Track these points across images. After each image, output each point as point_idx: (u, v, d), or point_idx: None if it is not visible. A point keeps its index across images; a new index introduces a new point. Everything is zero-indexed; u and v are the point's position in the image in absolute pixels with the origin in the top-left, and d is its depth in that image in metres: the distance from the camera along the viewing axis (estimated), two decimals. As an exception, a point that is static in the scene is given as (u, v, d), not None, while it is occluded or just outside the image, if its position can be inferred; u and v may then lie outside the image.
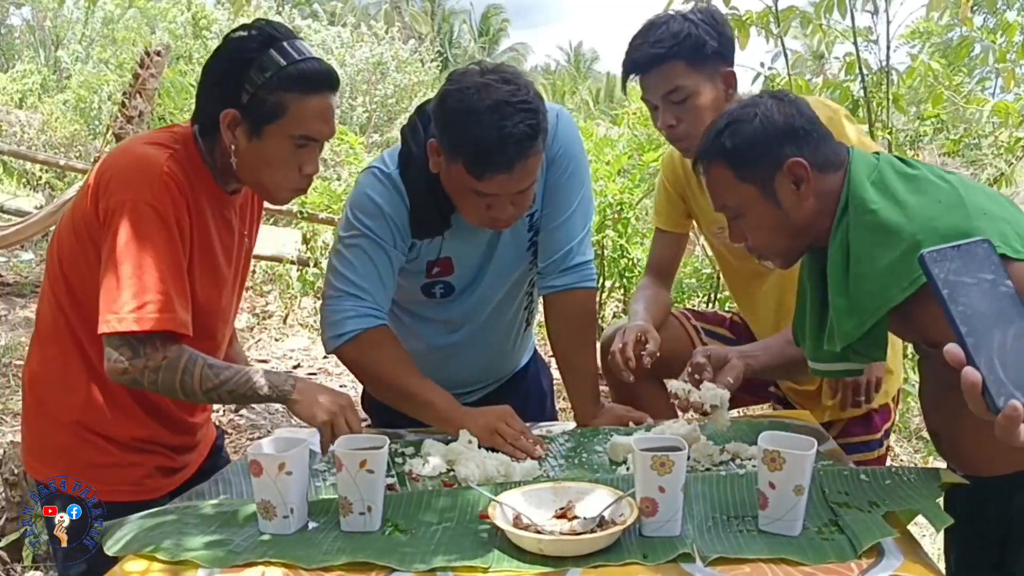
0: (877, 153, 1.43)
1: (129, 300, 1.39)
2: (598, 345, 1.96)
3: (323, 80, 1.48)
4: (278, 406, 4.37)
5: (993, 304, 0.80)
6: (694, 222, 2.12)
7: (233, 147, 1.48)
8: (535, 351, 2.17)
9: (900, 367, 2.15)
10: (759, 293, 2.03)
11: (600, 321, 4.91)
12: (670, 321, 2.12)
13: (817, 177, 1.38)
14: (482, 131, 1.50)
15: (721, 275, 2.28)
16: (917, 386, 3.91)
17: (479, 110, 1.51)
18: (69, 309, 1.53)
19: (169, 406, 1.61)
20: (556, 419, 2.00)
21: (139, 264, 1.40)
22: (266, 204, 1.77)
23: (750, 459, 1.54)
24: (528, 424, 1.77)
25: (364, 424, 1.69)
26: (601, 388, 1.95)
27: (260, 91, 1.44)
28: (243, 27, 1.50)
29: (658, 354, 1.78)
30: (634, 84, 1.91)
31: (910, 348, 4.01)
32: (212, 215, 1.55)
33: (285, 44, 1.47)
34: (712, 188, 1.47)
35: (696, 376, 1.62)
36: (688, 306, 5.36)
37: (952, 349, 0.80)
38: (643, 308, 1.96)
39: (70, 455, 1.55)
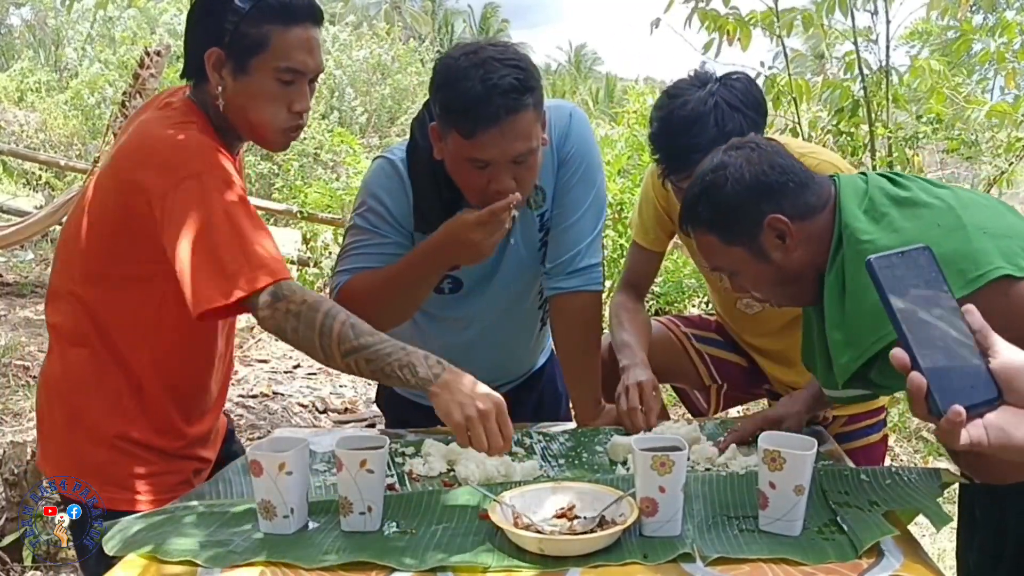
0: (864, 174, 1.41)
1: (244, 260, 1.35)
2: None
3: (304, 10, 1.47)
4: (277, 405, 4.37)
5: (935, 310, 0.82)
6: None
7: (220, 88, 1.46)
8: (552, 352, 2.14)
9: None
10: (748, 315, 2.02)
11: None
12: (661, 331, 2.11)
13: (800, 226, 1.35)
14: (468, 85, 1.49)
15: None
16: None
17: (465, 68, 1.51)
18: (104, 314, 1.50)
19: (189, 387, 1.59)
20: (570, 420, 2.00)
21: (233, 224, 1.36)
22: (267, 203, 1.76)
23: (748, 459, 1.54)
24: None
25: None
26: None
27: (241, 25, 1.43)
28: None
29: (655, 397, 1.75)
30: (633, 87, 1.89)
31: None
32: None
33: None
34: (702, 252, 1.46)
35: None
36: (688, 307, 5.36)
37: (897, 353, 0.80)
38: (637, 346, 1.85)
39: (111, 470, 1.51)
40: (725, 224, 1.38)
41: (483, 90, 1.49)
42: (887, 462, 2.16)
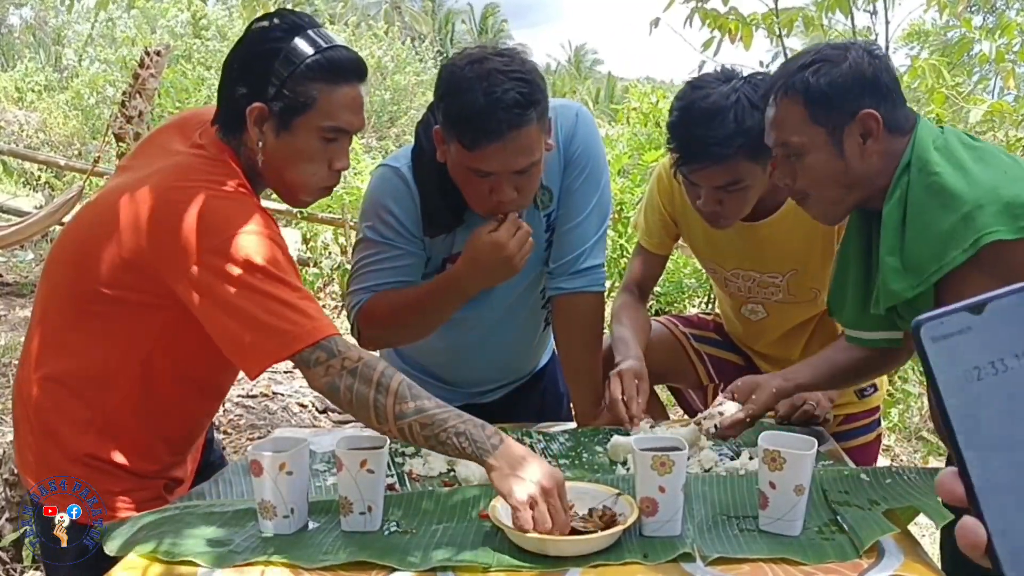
0: (942, 125, 1.43)
1: (290, 319, 1.29)
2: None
3: (352, 69, 1.42)
4: (276, 405, 4.37)
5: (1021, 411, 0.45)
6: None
7: (260, 144, 1.41)
8: (554, 351, 2.14)
9: None
10: (752, 320, 2.02)
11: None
12: (660, 330, 2.11)
13: (885, 136, 1.36)
14: (472, 98, 1.49)
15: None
16: (917, 387, 3.88)
17: (470, 79, 1.50)
18: (112, 341, 1.42)
19: (176, 430, 1.54)
20: (571, 420, 2.00)
21: (279, 285, 1.30)
22: (267, 203, 1.74)
23: (747, 462, 1.54)
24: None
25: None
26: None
27: (287, 82, 1.37)
28: (264, 17, 1.42)
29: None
30: (635, 86, 1.89)
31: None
32: None
33: (311, 32, 1.40)
34: (778, 123, 1.42)
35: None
36: (688, 307, 5.36)
37: (946, 481, 0.46)
38: (634, 342, 1.84)
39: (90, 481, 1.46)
40: (824, 100, 1.37)
41: (486, 104, 1.48)
42: (887, 462, 2.16)
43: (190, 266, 1.30)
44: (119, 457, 1.46)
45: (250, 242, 1.31)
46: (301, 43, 1.38)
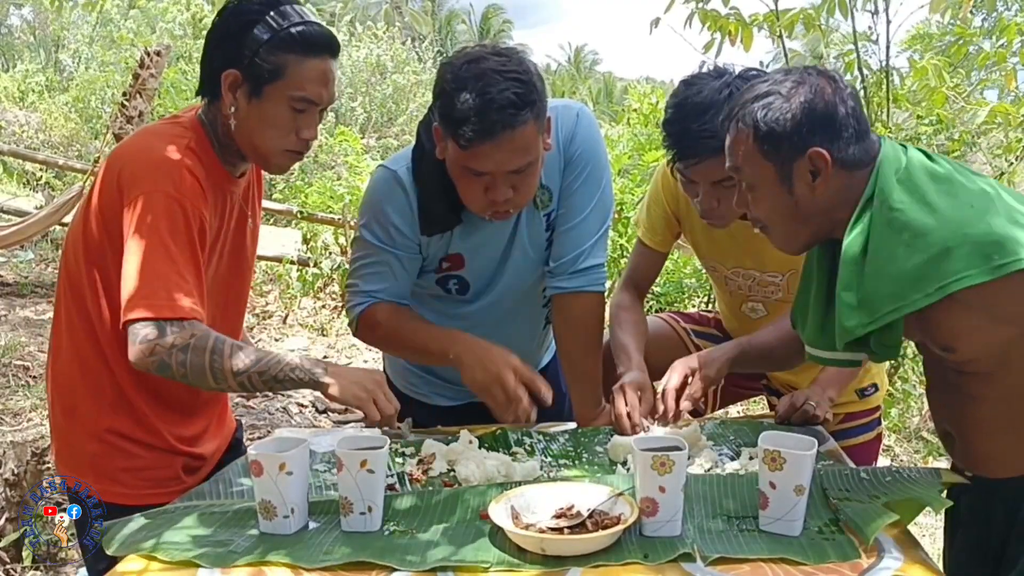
0: (904, 144, 1.39)
1: (153, 287, 1.41)
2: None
3: (323, 44, 1.51)
4: (277, 405, 4.38)
5: None
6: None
7: (233, 108, 1.50)
8: (555, 351, 2.14)
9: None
10: (752, 319, 2.02)
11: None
12: (661, 326, 2.11)
13: (837, 173, 1.32)
14: (466, 97, 1.50)
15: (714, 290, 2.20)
16: (917, 387, 3.89)
17: (465, 78, 1.51)
18: (93, 311, 1.54)
19: (174, 390, 1.60)
20: (572, 419, 2.00)
21: (159, 252, 1.42)
22: (267, 203, 1.78)
23: (747, 462, 1.54)
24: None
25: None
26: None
27: (261, 51, 1.47)
28: None
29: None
30: (635, 86, 1.88)
31: (910, 348, 4.03)
32: (226, 202, 1.58)
33: (287, 7, 1.50)
34: (730, 148, 1.41)
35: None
36: (688, 306, 5.36)
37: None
38: (635, 349, 1.85)
39: (101, 463, 1.56)
40: (771, 137, 1.33)
41: (480, 104, 1.49)
42: (887, 462, 2.16)
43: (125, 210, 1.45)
44: (125, 426, 1.56)
45: (154, 203, 1.44)
46: (277, 16, 1.48)
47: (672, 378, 1.66)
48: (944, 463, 3.04)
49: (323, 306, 6.38)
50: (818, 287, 1.42)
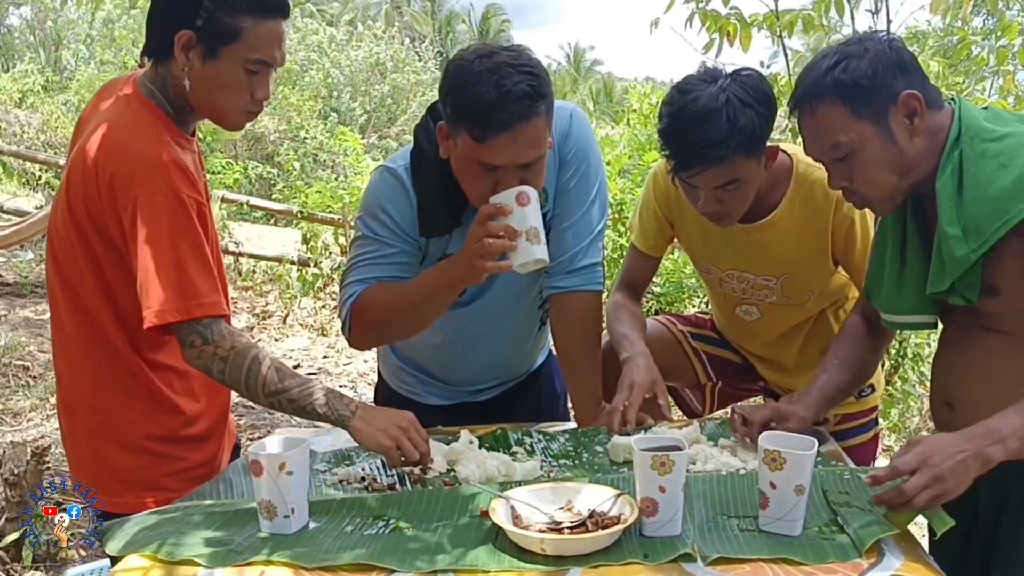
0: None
1: (176, 290, 1.43)
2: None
3: (279, 6, 1.51)
4: (278, 406, 4.37)
5: None
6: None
7: (186, 69, 1.49)
8: (551, 351, 2.15)
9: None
10: (746, 321, 2.02)
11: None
12: (659, 328, 2.12)
13: (928, 113, 1.38)
14: (482, 89, 1.50)
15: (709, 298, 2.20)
16: (917, 387, 3.87)
17: (479, 72, 1.51)
18: (109, 327, 1.54)
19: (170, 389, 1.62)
20: (568, 419, 2.00)
21: (171, 254, 1.43)
22: (267, 203, 1.78)
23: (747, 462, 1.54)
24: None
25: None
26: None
27: (216, 13, 1.46)
28: None
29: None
30: (634, 87, 1.88)
31: (909, 348, 4.03)
32: (199, 169, 1.58)
33: None
34: (819, 129, 1.42)
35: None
36: (688, 306, 5.36)
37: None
38: (637, 337, 1.86)
39: (145, 472, 1.58)
40: (860, 93, 1.37)
41: (497, 96, 1.49)
42: (887, 462, 2.16)
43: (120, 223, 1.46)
44: (149, 422, 1.58)
45: (156, 205, 1.44)
46: None
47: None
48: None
49: (323, 306, 6.37)
50: (892, 251, 1.48)
